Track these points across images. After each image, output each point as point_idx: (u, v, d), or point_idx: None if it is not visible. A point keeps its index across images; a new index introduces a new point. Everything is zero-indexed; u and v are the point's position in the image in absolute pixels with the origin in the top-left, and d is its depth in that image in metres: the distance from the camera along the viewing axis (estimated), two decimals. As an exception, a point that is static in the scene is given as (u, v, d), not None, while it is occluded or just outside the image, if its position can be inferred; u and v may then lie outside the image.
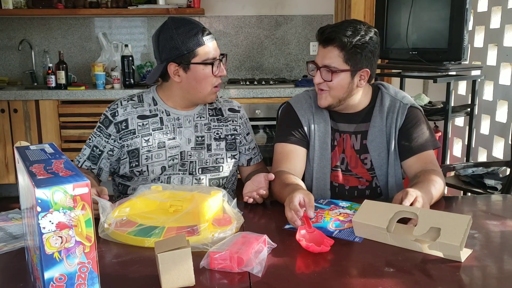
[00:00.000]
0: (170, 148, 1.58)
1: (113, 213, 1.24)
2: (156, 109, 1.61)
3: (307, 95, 1.68)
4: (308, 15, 4.17)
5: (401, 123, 1.58)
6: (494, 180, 2.37)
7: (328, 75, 1.52)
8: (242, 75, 4.24)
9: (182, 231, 1.16)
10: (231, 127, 1.67)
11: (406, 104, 1.60)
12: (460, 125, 3.24)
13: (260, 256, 1.05)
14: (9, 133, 3.65)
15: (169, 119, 1.60)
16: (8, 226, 1.27)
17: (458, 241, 1.05)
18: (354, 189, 1.62)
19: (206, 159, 1.61)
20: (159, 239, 1.12)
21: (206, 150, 1.61)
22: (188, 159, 1.59)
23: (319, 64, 1.54)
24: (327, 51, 1.52)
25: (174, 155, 1.58)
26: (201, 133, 1.62)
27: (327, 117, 1.62)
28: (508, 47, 2.65)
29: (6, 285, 0.98)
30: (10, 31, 4.09)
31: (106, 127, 1.59)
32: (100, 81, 3.69)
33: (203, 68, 1.54)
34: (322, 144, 1.61)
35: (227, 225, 1.20)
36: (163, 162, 1.57)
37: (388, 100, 1.61)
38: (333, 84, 1.53)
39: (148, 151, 1.56)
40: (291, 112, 1.65)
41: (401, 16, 2.77)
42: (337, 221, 1.30)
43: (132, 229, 1.19)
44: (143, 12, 3.92)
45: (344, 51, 1.50)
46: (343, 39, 1.49)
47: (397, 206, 1.22)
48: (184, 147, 1.59)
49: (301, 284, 0.98)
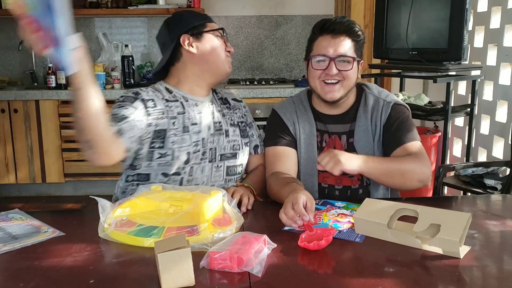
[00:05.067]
0: (193, 133, 1.54)
1: (113, 213, 1.24)
2: (174, 95, 1.58)
3: (291, 101, 1.70)
4: (308, 15, 4.17)
5: (385, 119, 1.59)
6: (494, 180, 2.36)
7: (345, 65, 1.53)
8: (242, 75, 4.24)
9: (182, 231, 1.16)
10: (240, 115, 1.71)
11: (390, 102, 1.61)
12: (460, 125, 3.24)
13: (260, 256, 1.06)
14: (9, 133, 3.65)
15: (189, 105, 1.57)
16: (8, 226, 1.27)
17: (458, 237, 1.06)
18: (347, 188, 1.61)
19: (225, 145, 1.61)
20: (159, 239, 1.13)
21: (225, 136, 1.61)
22: (208, 146, 1.57)
23: (332, 55, 1.52)
24: (340, 41, 1.52)
25: (197, 141, 1.55)
26: (218, 119, 1.62)
27: (311, 119, 1.63)
28: (508, 47, 2.64)
29: (6, 285, 0.98)
30: (10, 31, 4.09)
31: (131, 102, 1.46)
32: (100, 81, 3.69)
33: (215, 37, 1.60)
34: (307, 146, 1.61)
35: (227, 225, 1.21)
36: (188, 148, 1.52)
37: (372, 99, 1.62)
38: (349, 73, 1.54)
39: (174, 135, 1.51)
40: (277, 117, 1.67)
41: (401, 16, 2.77)
42: (336, 222, 1.30)
43: (132, 229, 1.19)
44: (143, 12, 3.92)
45: (354, 41, 1.54)
46: (355, 28, 1.53)
47: (398, 204, 1.23)
48: (205, 134, 1.57)
49: (301, 284, 0.98)
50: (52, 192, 3.92)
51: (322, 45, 1.54)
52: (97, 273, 1.02)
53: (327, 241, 1.12)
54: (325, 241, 1.12)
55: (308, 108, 1.65)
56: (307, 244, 1.12)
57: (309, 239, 1.15)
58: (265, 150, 1.67)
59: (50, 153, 3.70)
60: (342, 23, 1.52)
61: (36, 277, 1.00)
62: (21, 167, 3.71)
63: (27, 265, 1.06)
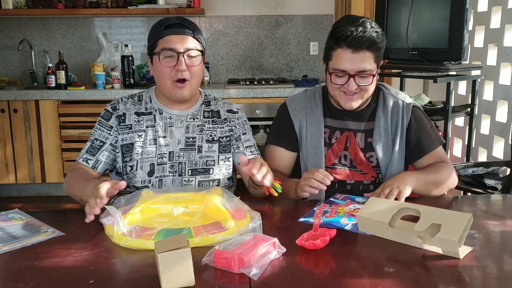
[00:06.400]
0: (160, 146, 1.56)
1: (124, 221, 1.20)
2: (151, 107, 1.61)
3: (305, 95, 1.70)
4: (308, 15, 4.17)
5: (407, 122, 1.62)
6: (494, 180, 2.36)
7: (364, 80, 1.51)
8: (242, 75, 4.24)
9: (208, 229, 1.18)
10: (226, 129, 1.63)
11: (409, 103, 1.65)
12: (460, 125, 3.24)
13: (264, 259, 1.05)
14: (9, 133, 3.65)
15: (162, 118, 1.59)
16: (8, 226, 1.27)
17: (457, 237, 1.07)
18: (360, 183, 1.63)
19: (196, 160, 1.58)
20: (192, 238, 1.13)
21: (197, 152, 1.58)
22: (176, 160, 1.56)
23: (352, 72, 1.49)
24: (361, 56, 1.47)
25: (163, 153, 1.56)
26: (193, 134, 1.60)
27: (320, 116, 1.64)
28: (508, 47, 2.64)
29: (6, 285, 0.98)
30: (10, 31, 4.09)
31: (107, 119, 1.58)
32: (100, 81, 3.69)
33: (160, 60, 1.51)
34: (315, 142, 1.62)
35: (243, 218, 1.22)
36: (152, 159, 1.55)
37: (391, 100, 1.65)
38: (368, 87, 1.53)
39: (140, 147, 1.55)
40: (285, 112, 1.68)
41: (401, 16, 2.77)
42: (350, 215, 1.32)
43: (155, 235, 1.16)
44: (143, 12, 3.92)
45: (374, 51, 1.50)
46: (376, 40, 1.48)
47: (401, 204, 1.25)
48: (173, 147, 1.57)
49: (301, 284, 0.98)
50: (52, 192, 3.92)
51: (342, 59, 1.49)
52: (97, 273, 1.02)
53: (323, 241, 1.12)
54: (321, 241, 1.12)
55: (319, 104, 1.66)
56: (304, 243, 1.12)
57: (311, 238, 1.15)
58: (266, 144, 1.70)
59: (50, 153, 3.70)
60: (364, 38, 1.46)
61: (36, 277, 1.00)
62: (21, 167, 3.71)
63: (27, 265, 1.06)
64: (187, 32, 1.52)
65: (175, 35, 1.51)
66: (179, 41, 1.50)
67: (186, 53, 1.50)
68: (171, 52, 1.49)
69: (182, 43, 1.50)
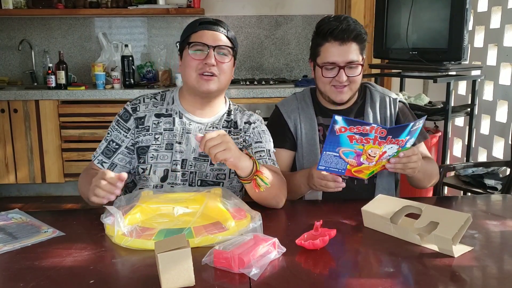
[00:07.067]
0: (176, 152, 1.51)
1: (124, 221, 1.20)
2: (172, 109, 1.55)
3: (294, 98, 1.75)
4: (308, 15, 4.17)
5: (395, 116, 1.68)
6: (494, 180, 2.37)
7: (353, 71, 1.58)
8: (242, 75, 4.24)
9: (209, 229, 1.18)
10: (240, 140, 1.56)
11: (396, 98, 1.71)
12: (460, 125, 3.24)
13: (264, 259, 1.05)
14: (9, 133, 3.65)
15: (181, 122, 1.53)
16: (8, 226, 1.27)
17: (451, 235, 1.09)
18: (354, 178, 1.63)
19: (207, 172, 1.52)
20: (192, 238, 1.13)
21: (209, 164, 1.52)
22: (188, 169, 1.52)
23: (341, 63, 1.56)
24: (348, 47, 1.55)
25: (177, 160, 1.51)
26: None
27: (313, 115, 1.69)
28: (508, 47, 2.64)
29: (6, 285, 0.98)
30: (10, 31, 4.09)
31: (125, 120, 1.54)
32: (100, 81, 3.69)
33: (190, 52, 1.48)
34: (309, 141, 1.67)
35: (243, 218, 1.23)
36: (167, 165, 1.51)
37: (378, 96, 1.71)
38: (357, 78, 1.59)
39: (155, 150, 1.51)
40: (279, 115, 1.72)
41: (401, 16, 2.77)
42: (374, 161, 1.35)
43: (156, 235, 1.16)
44: (143, 12, 3.92)
45: (360, 43, 1.57)
46: (361, 31, 1.56)
47: (405, 201, 1.28)
48: (187, 155, 1.52)
49: (301, 284, 0.98)
50: (52, 192, 3.92)
51: (331, 52, 1.56)
52: (97, 273, 1.02)
53: (323, 241, 1.12)
54: (321, 241, 1.12)
55: (310, 105, 1.71)
56: (304, 243, 1.12)
57: (311, 238, 1.15)
58: None
59: (50, 153, 3.70)
60: (349, 30, 1.54)
61: (36, 277, 1.00)
62: (21, 167, 3.71)
63: (27, 265, 1.06)
64: (221, 30, 1.50)
65: (208, 30, 1.49)
66: (211, 36, 1.48)
67: (217, 48, 1.47)
68: (202, 46, 1.46)
69: (214, 39, 1.48)
